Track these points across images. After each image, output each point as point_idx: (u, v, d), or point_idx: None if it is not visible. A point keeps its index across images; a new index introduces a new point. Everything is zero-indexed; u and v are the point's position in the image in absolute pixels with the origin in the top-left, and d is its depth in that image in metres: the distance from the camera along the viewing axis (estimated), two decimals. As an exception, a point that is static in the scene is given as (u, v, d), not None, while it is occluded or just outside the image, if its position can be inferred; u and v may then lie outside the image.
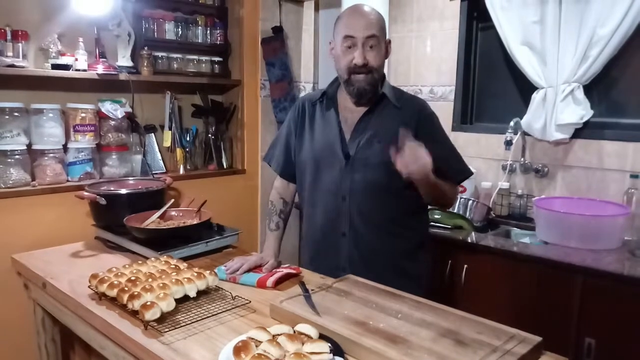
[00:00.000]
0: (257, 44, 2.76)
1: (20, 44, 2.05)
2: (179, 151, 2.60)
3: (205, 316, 1.30)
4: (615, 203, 2.17)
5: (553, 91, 2.33)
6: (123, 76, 2.30)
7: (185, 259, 1.70)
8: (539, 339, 1.12)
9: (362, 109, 1.63)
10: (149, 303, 1.24)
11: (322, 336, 1.11)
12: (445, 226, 2.28)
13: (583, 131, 2.33)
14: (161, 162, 2.58)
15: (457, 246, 2.15)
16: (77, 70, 2.16)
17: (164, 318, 1.26)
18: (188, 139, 2.65)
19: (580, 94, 2.29)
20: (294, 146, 1.74)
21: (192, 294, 1.36)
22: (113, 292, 1.35)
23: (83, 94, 2.28)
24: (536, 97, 2.40)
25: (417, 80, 2.91)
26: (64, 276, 1.61)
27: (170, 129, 2.58)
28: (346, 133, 1.63)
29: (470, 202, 2.42)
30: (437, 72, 2.83)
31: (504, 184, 2.52)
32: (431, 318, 1.22)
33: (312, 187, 1.69)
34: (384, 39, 1.57)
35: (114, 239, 1.95)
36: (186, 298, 1.36)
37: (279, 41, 2.77)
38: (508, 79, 2.65)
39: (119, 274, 1.44)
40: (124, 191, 2.05)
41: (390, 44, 1.62)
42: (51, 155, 2.15)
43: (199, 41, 2.67)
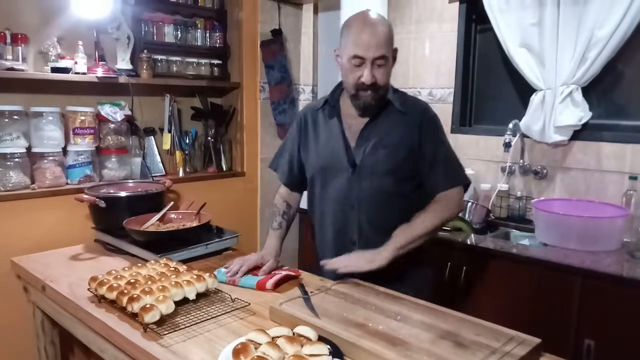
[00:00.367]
0: (256, 46, 2.77)
1: (19, 47, 2.05)
2: (178, 154, 2.61)
3: (205, 319, 1.30)
4: (614, 205, 2.17)
5: (552, 93, 2.33)
6: (122, 79, 2.30)
7: (185, 261, 1.71)
8: (538, 341, 1.13)
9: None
10: (148, 306, 1.24)
11: (322, 338, 1.11)
12: (444, 228, 2.28)
13: (582, 133, 2.33)
14: (160, 165, 2.59)
15: (457, 248, 2.15)
16: (76, 73, 2.16)
17: (163, 321, 1.26)
18: (187, 141, 2.65)
19: (578, 95, 2.29)
20: (300, 158, 1.74)
21: (192, 296, 1.36)
22: (112, 295, 1.35)
23: (82, 97, 2.29)
24: (535, 99, 2.40)
25: (415, 83, 2.91)
26: (63, 279, 1.62)
27: (170, 131, 2.58)
28: (350, 141, 1.62)
29: (470, 204, 2.43)
30: (436, 74, 2.84)
31: (503, 186, 2.52)
32: (430, 320, 1.23)
33: (320, 197, 1.69)
34: (392, 52, 1.54)
35: (113, 241, 1.95)
36: (185, 300, 1.36)
37: (278, 44, 2.77)
38: (506, 81, 2.65)
39: (118, 276, 1.44)
40: (123, 194, 2.05)
41: (397, 52, 1.59)
42: (51, 158, 2.15)
43: (198, 44, 2.67)
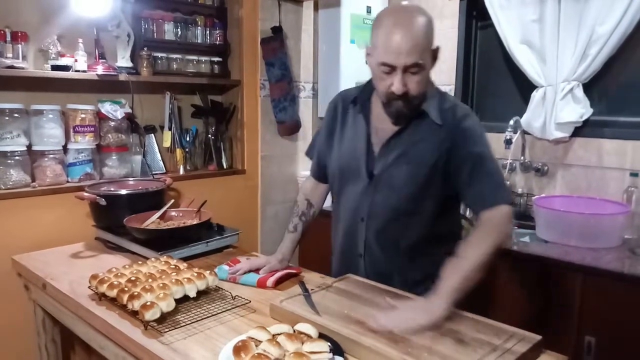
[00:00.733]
0: (256, 44, 2.76)
1: (19, 45, 2.05)
2: (178, 151, 2.60)
3: (205, 316, 1.30)
4: (614, 201, 2.17)
5: (552, 90, 2.33)
6: (123, 77, 2.30)
7: (185, 259, 1.71)
8: (538, 338, 1.12)
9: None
10: (148, 303, 1.24)
11: (322, 335, 1.11)
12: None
13: (583, 129, 2.33)
14: (161, 163, 2.58)
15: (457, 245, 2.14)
16: (76, 71, 2.16)
17: (164, 318, 1.26)
18: (188, 139, 2.65)
19: (579, 92, 2.29)
20: (326, 146, 1.62)
21: (192, 294, 1.37)
22: (113, 293, 1.35)
23: (83, 94, 2.28)
24: (536, 96, 2.40)
25: (416, 80, 2.90)
26: (64, 277, 1.62)
27: (170, 129, 2.57)
28: (375, 146, 1.47)
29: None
30: (436, 71, 2.78)
31: (504, 183, 2.51)
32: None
33: (337, 200, 1.61)
34: (430, 54, 1.36)
35: (114, 239, 1.95)
36: (186, 298, 1.36)
37: (278, 41, 2.77)
38: (507, 78, 2.64)
39: (119, 274, 1.44)
40: (124, 192, 2.05)
41: (438, 51, 1.40)
42: (51, 156, 2.15)
43: (199, 41, 2.66)
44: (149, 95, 2.53)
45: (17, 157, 2.06)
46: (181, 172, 2.61)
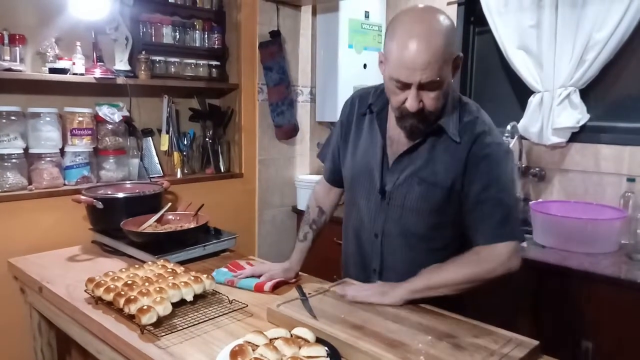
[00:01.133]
0: (254, 48, 2.77)
1: (17, 48, 2.04)
2: (176, 155, 2.60)
3: (202, 320, 1.30)
4: (611, 207, 2.18)
5: (549, 95, 2.33)
6: (120, 80, 2.30)
7: (182, 263, 1.70)
8: (536, 343, 1.12)
9: None
10: (145, 307, 1.24)
11: (319, 340, 1.11)
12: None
13: (579, 135, 2.34)
14: (158, 166, 2.58)
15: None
16: (74, 74, 2.16)
17: (160, 322, 1.25)
18: (185, 142, 2.65)
19: (576, 97, 2.30)
20: (339, 150, 1.54)
21: (189, 297, 1.36)
22: (109, 296, 1.35)
23: (80, 98, 2.28)
24: (533, 101, 2.41)
25: (414, 84, 2.91)
26: (60, 280, 1.61)
27: (168, 132, 2.57)
28: (390, 158, 1.37)
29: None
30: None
31: (501, 188, 2.52)
32: (428, 322, 1.22)
33: (349, 210, 1.51)
34: (450, 66, 1.21)
35: (110, 242, 1.94)
36: (183, 302, 1.36)
37: (276, 45, 2.77)
38: (505, 83, 2.65)
39: (115, 278, 1.44)
40: (121, 195, 2.05)
41: (460, 59, 1.25)
42: (48, 159, 2.14)
43: (197, 45, 2.67)
44: (146, 98, 2.53)
45: (14, 160, 2.05)
46: (178, 175, 2.60)
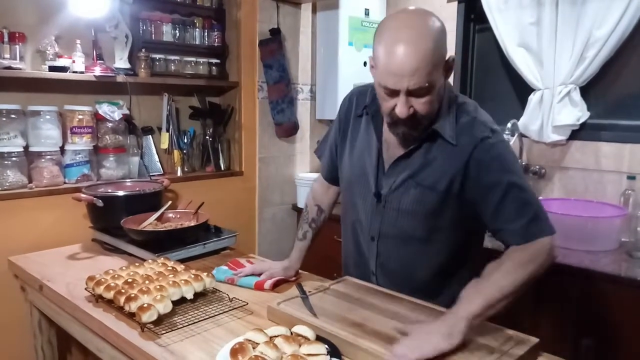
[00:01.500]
0: (254, 46, 2.76)
1: (17, 46, 2.04)
2: (176, 153, 2.60)
3: (203, 318, 1.30)
4: (612, 204, 2.17)
5: (550, 93, 2.33)
6: (120, 78, 2.30)
7: (183, 261, 1.70)
8: (536, 340, 1.13)
9: None
10: (145, 305, 1.24)
11: (319, 338, 1.11)
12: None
13: (580, 133, 2.34)
14: (158, 164, 2.58)
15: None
16: (74, 72, 2.15)
17: (160, 320, 1.25)
18: (185, 140, 2.65)
19: (576, 95, 2.29)
20: (337, 148, 1.52)
21: (189, 296, 1.36)
22: (110, 295, 1.35)
23: (80, 96, 2.28)
24: (533, 99, 2.41)
25: (414, 82, 2.91)
26: (60, 278, 1.61)
27: (168, 131, 2.57)
28: (386, 162, 1.36)
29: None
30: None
31: (501, 186, 2.52)
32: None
33: (346, 210, 1.51)
34: (440, 74, 1.19)
35: (111, 241, 1.94)
36: (183, 300, 1.36)
37: (276, 43, 2.77)
38: (505, 81, 2.65)
39: (116, 276, 1.44)
40: (121, 193, 2.05)
41: (453, 62, 1.25)
42: (48, 157, 2.14)
43: (197, 43, 2.66)
44: (146, 96, 2.53)
45: (14, 158, 2.05)
46: (179, 173, 2.60)
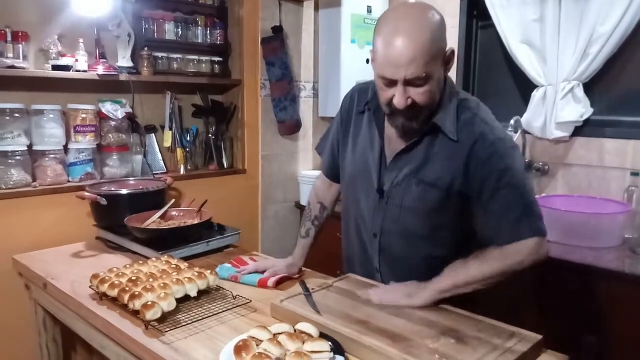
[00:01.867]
0: (257, 43, 2.76)
1: (20, 45, 2.04)
2: (179, 151, 2.61)
3: (206, 315, 1.31)
4: (615, 201, 2.17)
5: (553, 89, 2.32)
6: (123, 77, 2.30)
7: (186, 258, 1.71)
8: (539, 337, 1.13)
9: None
10: (149, 303, 1.24)
11: (323, 335, 1.11)
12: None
13: (583, 129, 2.33)
14: (161, 162, 2.58)
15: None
16: (77, 71, 2.16)
17: (164, 317, 1.26)
18: (188, 139, 2.65)
19: (580, 91, 2.29)
20: (339, 145, 1.53)
21: (193, 293, 1.37)
22: (114, 292, 1.35)
23: (83, 94, 2.28)
24: (536, 95, 2.40)
25: (417, 79, 2.91)
26: (64, 276, 1.62)
27: (171, 129, 2.58)
28: (388, 158, 1.37)
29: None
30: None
31: (504, 182, 2.51)
32: (431, 316, 1.22)
33: (348, 207, 1.51)
34: (438, 65, 1.20)
35: (114, 239, 1.95)
36: (187, 298, 1.36)
37: (278, 41, 2.77)
38: (508, 77, 2.64)
39: (119, 274, 1.44)
40: (124, 191, 2.05)
41: (452, 54, 1.25)
42: (52, 155, 2.15)
43: (199, 41, 2.66)
44: (149, 94, 2.53)
45: (17, 157, 2.06)
46: (182, 171, 2.61)
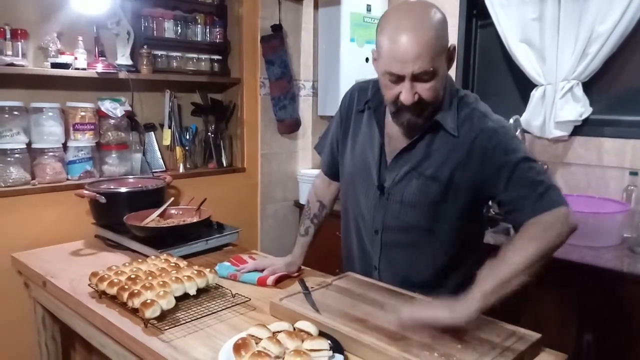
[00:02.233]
0: (256, 42, 2.76)
1: (19, 43, 2.04)
2: (178, 150, 2.60)
3: (205, 314, 1.31)
4: (614, 200, 2.17)
5: (552, 88, 2.33)
6: (122, 75, 2.30)
7: (185, 257, 1.71)
8: (538, 336, 1.13)
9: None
10: (149, 301, 1.24)
11: (322, 333, 1.11)
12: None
13: (582, 128, 2.33)
14: (161, 161, 2.58)
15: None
16: (76, 69, 2.16)
17: (164, 316, 1.26)
18: (188, 137, 2.65)
19: (579, 91, 2.29)
20: (338, 144, 1.53)
21: (192, 291, 1.37)
22: (113, 290, 1.35)
23: (82, 92, 2.28)
24: (535, 95, 2.40)
25: (416, 78, 2.91)
26: (64, 275, 1.62)
27: (170, 127, 2.57)
28: (388, 157, 1.38)
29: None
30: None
31: (503, 182, 2.52)
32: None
33: (348, 205, 1.51)
34: (444, 56, 1.23)
35: (114, 237, 1.95)
36: (186, 296, 1.36)
37: (278, 39, 2.77)
38: (507, 77, 2.64)
39: (119, 272, 1.44)
40: (123, 190, 2.05)
41: (454, 51, 1.28)
42: (51, 154, 2.15)
43: (199, 39, 2.66)
44: (148, 93, 2.53)
45: (16, 155, 2.06)
46: (181, 170, 2.61)
